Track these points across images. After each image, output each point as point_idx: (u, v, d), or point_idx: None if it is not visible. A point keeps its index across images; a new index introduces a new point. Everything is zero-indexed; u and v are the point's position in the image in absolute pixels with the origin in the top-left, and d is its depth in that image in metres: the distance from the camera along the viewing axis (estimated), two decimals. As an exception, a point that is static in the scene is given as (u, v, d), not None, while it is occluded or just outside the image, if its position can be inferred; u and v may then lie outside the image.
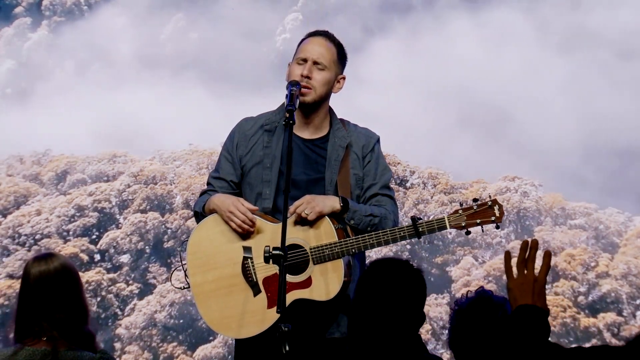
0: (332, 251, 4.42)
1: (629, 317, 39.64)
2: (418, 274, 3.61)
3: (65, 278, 4.04)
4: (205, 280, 4.56)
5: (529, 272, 3.35)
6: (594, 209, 44.20)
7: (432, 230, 4.48)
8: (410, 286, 3.57)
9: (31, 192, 47.95)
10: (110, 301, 42.31)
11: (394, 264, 3.63)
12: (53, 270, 4.01)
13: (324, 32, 4.80)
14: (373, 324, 3.52)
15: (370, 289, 3.57)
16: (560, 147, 50.94)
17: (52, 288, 3.99)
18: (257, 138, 4.74)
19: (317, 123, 4.72)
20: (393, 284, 3.55)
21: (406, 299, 3.54)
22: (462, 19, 59.80)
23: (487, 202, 4.53)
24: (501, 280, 40.54)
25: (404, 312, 3.53)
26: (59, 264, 4.05)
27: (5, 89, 63.63)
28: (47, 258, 4.07)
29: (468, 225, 4.50)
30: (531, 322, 3.26)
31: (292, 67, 4.70)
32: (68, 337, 3.97)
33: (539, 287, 3.33)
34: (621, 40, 54.21)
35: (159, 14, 68.64)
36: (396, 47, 60.80)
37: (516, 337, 3.22)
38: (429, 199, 45.01)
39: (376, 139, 4.79)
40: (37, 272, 4.00)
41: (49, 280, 3.99)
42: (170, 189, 45.94)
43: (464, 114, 53.59)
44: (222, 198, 4.60)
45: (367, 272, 3.63)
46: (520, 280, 3.35)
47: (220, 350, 38.55)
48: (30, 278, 4.01)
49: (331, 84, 4.71)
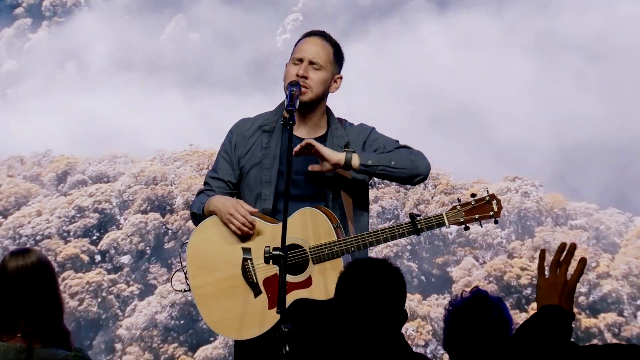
0: (331, 250, 4.42)
1: (630, 318, 39.62)
2: (397, 273, 3.59)
3: (42, 273, 4.01)
4: (205, 282, 4.55)
5: (561, 274, 3.35)
6: (594, 209, 44.19)
7: (431, 227, 4.47)
8: (389, 285, 3.55)
9: (32, 193, 47.96)
10: (111, 302, 42.30)
11: (371, 263, 3.62)
12: (30, 265, 3.99)
13: (320, 32, 4.80)
14: (354, 324, 3.50)
15: (350, 289, 3.55)
16: (561, 146, 50.96)
17: (29, 283, 3.97)
18: (255, 139, 4.73)
19: (314, 122, 4.72)
20: (372, 283, 3.54)
21: (386, 298, 3.53)
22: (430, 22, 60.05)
23: (485, 197, 4.52)
24: (502, 280, 40.52)
25: (385, 311, 3.52)
26: (35, 258, 4.02)
27: (5, 89, 63.62)
28: (24, 253, 4.05)
29: (466, 221, 4.50)
30: (554, 322, 3.25)
31: (288, 68, 4.70)
32: (43, 333, 3.95)
33: (567, 291, 3.32)
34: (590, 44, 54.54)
35: (160, 13, 68.65)
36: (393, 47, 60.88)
37: (538, 336, 3.21)
38: (429, 200, 45.01)
39: (372, 128, 4.78)
40: (15, 266, 3.98)
41: (26, 275, 3.97)
42: (171, 190, 45.94)
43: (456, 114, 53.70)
44: (222, 200, 4.58)
45: (346, 272, 3.62)
46: (551, 280, 3.35)
47: (221, 352, 38.54)
48: (7, 272, 3.98)
49: (328, 84, 4.70)
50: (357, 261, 3.68)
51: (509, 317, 3.91)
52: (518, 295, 39.68)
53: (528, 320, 3.30)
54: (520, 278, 40.47)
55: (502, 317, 3.86)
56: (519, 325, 3.30)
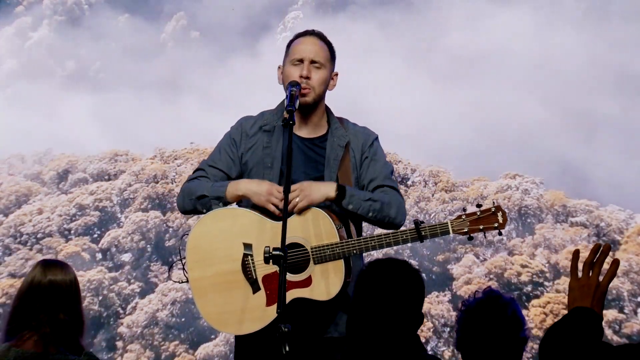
0: (333, 252, 4.42)
1: (630, 315, 39.64)
2: (416, 274, 3.61)
3: (75, 291, 4.19)
4: (203, 275, 4.56)
5: (593, 275, 3.32)
6: (595, 207, 44.19)
7: (435, 235, 4.48)
8: (409, 286, 3.56)
9: (33, 191, 47.98)
10: (112, 300, 42.33)
11: (392, 264, 3.62)
12: (68, 282, 4.16)
13: (313, 31, 4.82)
14: (371, 324, 3.51)
15: (369, 289, 3.56)
16: (561, 144, 50.97)
17: (62, 296, 4.12)
18: (257, 138, 4.74)
19: (315, 122, 4.73)
20: (392, 284, 3.54)
21: (405, 299, 3.53)
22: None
23: (491, 208, 4.52)
24: (502, 277, 40.54)
25: (403, 313, 3.52)
26: (73, 277, 4.21)
27: (6, 88, 63.62)
28: (64, 268, 4.21)
29: (471, 231, 4.50)
30: (587, 324, 3.24)
31: (287, 69, 4.69)
32: (61, 338, 4.06)
33: (599, 293, 3.30)
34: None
35: (161, 12, 68.62)
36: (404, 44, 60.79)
37: (570, 338, 3.21)
38: (429, 197, 45.01)
39: (375, 137, 4.78)
40: (54, 279, 4.14)
41: (61, 289, 4.13)
42: (172, 188, 45.95)
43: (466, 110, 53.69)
44: (253, 183, 4.58)
45: (366, 272, 3.63)
46: (583, 281, 3.33)
47: (222, 349, 38.55)
48: (44, 281, 4.13)
49: (327, 82, 4.73)
50: (378, 261, 3.67)
51: (522, 316, 3.91)
52: (518, 292, 39.69)
53: (559, 321, 3.28)
54: (520, 275, 40.49)
55: (515, 316, 3.86)
56: (550, 327, 3.29)
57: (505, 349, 3.82)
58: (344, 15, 64.88)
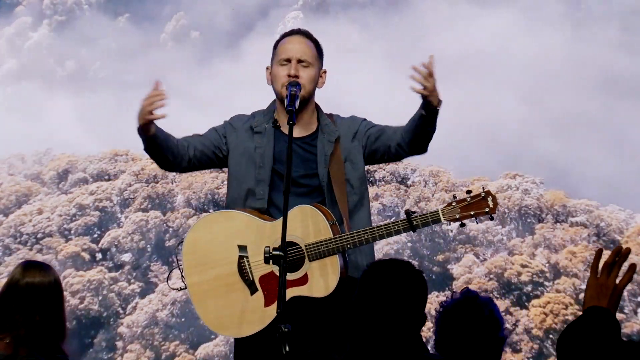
0: (327, 247, 4.44)
1: (631, 315, 39.65)
2: (419, 275, 3.62)
3: (55, 294, 4.08)
4: (201, 280, 4.58)
5: (612, 276, 3.40)
6: (595, 206, 44.18)
7: (427, 224, 4.50)
8: (412, 287, 3.58)
9: (32, 191, 47.98)
10: (112, 300, 42.34)
11: (395, 265, 3.63)
12: (47, 284, 4.06)
13: (299, 30, 4.84)
14: (374, 325, 3.52)
15: (372, 289, 3.57)
16: (561, 143, 50.99)
17: (39, 298, 4.03)
18: (247, 136, 4.77)
19: (306, 120, 4.75)
20: (395, 285, 3.56)
21: (407, 300, 3.55)
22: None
23: (481, 193, 4.55)
24: (502, 277, 40.52)
25: (405, 313, 3.54)
26: (54, 279, 4.09)
27: (6, 88, 63.61)
28: (45, 269, 4.11)
29: (462, 218, 4.52)
30: (603, 324, 3.27)
31: (275, 70, 4.71)
32: (34, 342, 3.97)
33: (616, 295, 3.37)
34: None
35: (161, 12, 68.66)
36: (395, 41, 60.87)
37: (586, 337, 3.21)
38: (430, 197, 45.01)
39: (362, 119, 4.84)
40: (32, 281, 4.04)
41: (40, 291, 4.04)
42: (172, 188, 45.96)
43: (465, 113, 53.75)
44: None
45: (368, 272, 3.64)
46: (602, 281, 3.38)
47: (222, 349, 38.57)
48: (21, 282, 4.04)
49: (316, 80, 4.74)
50: (381, 262, 3.69)
51: (500, 316, 3.92)
52: (519, 292, 39.68)
53: (577, 320, 3.30)
54: (520, 275, 40.47)
55: (493, 316, 3.86)
56: (567, 326, 3.30)
57: (483, 349, 3.82)
58: (344, 15, 64.93)
